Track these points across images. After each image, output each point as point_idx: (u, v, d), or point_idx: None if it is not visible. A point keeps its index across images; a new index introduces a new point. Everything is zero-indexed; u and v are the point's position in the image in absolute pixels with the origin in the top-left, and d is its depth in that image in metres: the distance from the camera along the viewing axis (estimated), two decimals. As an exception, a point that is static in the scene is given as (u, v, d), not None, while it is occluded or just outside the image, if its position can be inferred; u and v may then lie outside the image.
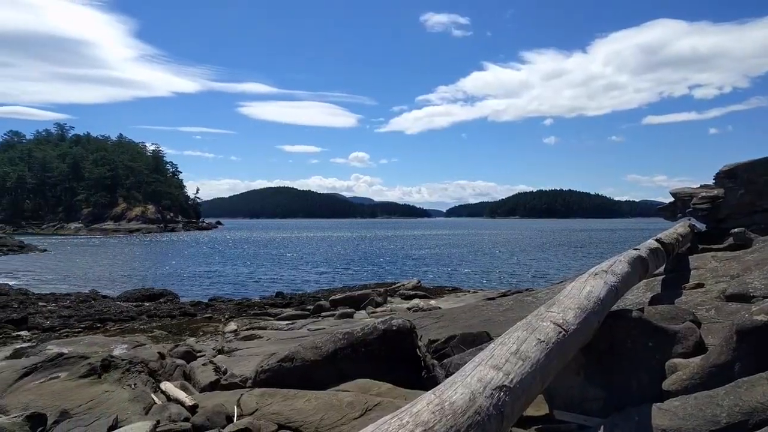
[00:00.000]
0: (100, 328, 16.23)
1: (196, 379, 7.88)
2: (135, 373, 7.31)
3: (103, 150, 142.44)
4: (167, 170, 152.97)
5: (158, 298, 23.48)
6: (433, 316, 10.97)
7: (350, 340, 6.44)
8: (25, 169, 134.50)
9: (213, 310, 19.40)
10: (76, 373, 7.15)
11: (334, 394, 5.58)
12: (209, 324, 15.29)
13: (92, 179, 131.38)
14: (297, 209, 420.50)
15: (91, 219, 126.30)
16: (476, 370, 2.54)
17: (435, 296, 20.32)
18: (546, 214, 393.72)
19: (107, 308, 20.78)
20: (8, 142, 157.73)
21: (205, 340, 12.46)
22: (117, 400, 6.44)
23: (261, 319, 16.17)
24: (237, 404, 5.89)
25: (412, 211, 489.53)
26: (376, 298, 17.97)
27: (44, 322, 17.34)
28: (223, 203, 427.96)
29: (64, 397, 6.58)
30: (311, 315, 16.55)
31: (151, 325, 15.99)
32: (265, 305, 20.70)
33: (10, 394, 7.03)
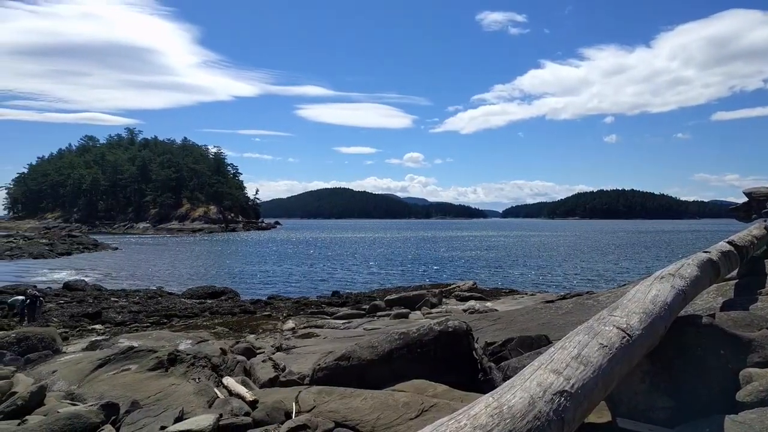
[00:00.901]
0: (167, 323, 16.98)
1: (256, 375, 8.10)
2: (199, 368, 7.60)
3: (169, 153, 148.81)
4: (228, 172, 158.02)
5: (220, 296, 24.33)
6: (490, 319, 10.82)
7: (406, 341, 6.44)
8: (99, 172, 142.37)
9: (272, 308, 19.90)
10: (145, 366, 7.52)
11: (390, 394, 5.60)
12: (268, 322, 15.69)
13: (159, 181, 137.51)
14: (352, 210, 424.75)
15: (157, 219, 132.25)
16: (535, 374, 2.49)
17: (491, 298, 20.05)
18: (607, 214, 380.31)
19: (173, 305, 21.73)
20: (84, 146, 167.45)
21: (265, 338, 12.79)
22: (182, 393, 6.72)
23: (318, 318, 16.44)
24: (295, 401, 6.01)
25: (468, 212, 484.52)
26: (431, 299, 17.91)
27: (116, 317, 18.34)
28: (282, 204, 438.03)
29: (135, 388, 6.93)
30: (367, 314, 16.69)
31: (213, 321, 16.57)
32: (322, 304, 21.05)
33: (87, 384, 7.47)
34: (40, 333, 11.10)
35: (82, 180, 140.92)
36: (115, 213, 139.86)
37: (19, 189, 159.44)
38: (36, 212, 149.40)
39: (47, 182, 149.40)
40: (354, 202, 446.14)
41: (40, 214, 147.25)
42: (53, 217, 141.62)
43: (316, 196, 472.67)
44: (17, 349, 10.27)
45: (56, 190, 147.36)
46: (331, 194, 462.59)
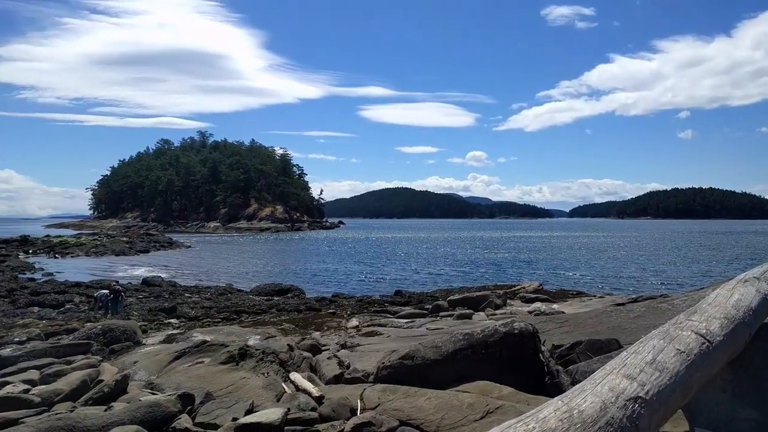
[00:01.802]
0: (236, 319, 17.64)
1: (322, 372, 8.29)
2: (267, 363, 7.85)
3: (237, 155, 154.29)
4: (294, 173, 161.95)
5: (286, 293, 25.00)
6: (557, 321, 10.55)
7: (470, 342, 6.40)
8: (173, 173, 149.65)
9: (336, 306, 20.24)
10: (218, 360, 7.85)
11: (455, 395, 5.59)
12: (332, 319, 15.98)
13: (228, 182, 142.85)
14: (414, 209, 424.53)
15: (227, 218, 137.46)
16: (607, 378, 2.42)
17: (558, 300, 19.53)
18: (682, 214, 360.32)
19: (242, 301, 22.54)
20: (160, 149, 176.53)
21: (329, 335, 13.03)
22: (252, 387, 6.98)
23: (381, 317, 16.58)
24: (360, 398, 6.11)
25: (533, 211, 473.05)
26: (495, 300, 17.66)
27: (190, 312, 19.23)
28: (345, 203, 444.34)
29: (208, 380, 7.25)
30: (429, 314, 16.66)
31: (280, 318, 17.05)
32: (385, 303, 21.20)
33: (165, 375, 7.89)
34: (123, 325, 11.83)
35: (159, 181, 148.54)
36: (188, 213, 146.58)
37: (103, 190, 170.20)
38: (117, 212, 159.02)
39: (127, 184, 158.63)
40: (416, 201, 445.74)
41: (121, 213, 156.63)
42: (132, 216, 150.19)
43: (378, 195, 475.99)
44: (103, 339, 10.99)
45: (135, 191, 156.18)
46: (393, 194, 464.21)
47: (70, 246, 60.42)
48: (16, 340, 13.64)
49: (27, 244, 60.15)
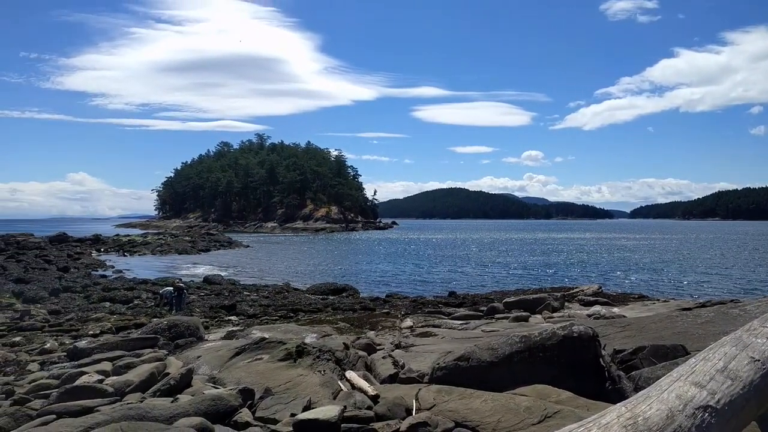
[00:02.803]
0: (293, 317, 18.02)
1: (377, 371, 8.35)
2: (324, 361, 7.99)
3: (294, 156, 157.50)
4: (348, 174, 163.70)
5: (341, 293, 25.33)
6: (618, 325, 10.20)
7: (527, 344, 6.30)
8: (233, 175, 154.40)
9: (390, 306, 20.33)
10: (276, 357, 8.06)
11: (512, 397, 5.52)
12: (387, 319, 16.06)
13: (285, 183, 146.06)
14: (468, 210, 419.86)
15: (283, 219, 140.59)
16: (674, 385, 2.34)
17: (618, 304, 18.87)
18: (755, 215, 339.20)
19: (298, 300, 23.01)
20: (220, 151, 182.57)
21: (384, 334, 13.11)
22: (309, 384, 7.13)
23: (435, 317, 16.52)
24: (415, 398, 6.12)
25: (592, 212, 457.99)
26: (552, 303, 17.25)
27: (248, 309, 19.80)
28: (398, 204, 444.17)
29: (267, 376, 7.46)
30: (484, 316, 16.47)
31: (335, 317, 17.29)
32: (439, 304, 21.12)
33: (226, 370, 8.18)
34: (187, 322, 12.33)
35: (219, 183, 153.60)
36: (247, 213, 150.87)
37: (167, 191, 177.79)
38: (180, 212, 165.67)
39: (189, 185, 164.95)
40: (470, 202, 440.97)
41: (183, 213, 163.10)
42: (194, 216, 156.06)
43: (431, 196, 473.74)
44: (168, 335, 11.50)
45: (197, 192, 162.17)
46: (447, 194, 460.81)
47: (138, 245, 63.47)
48: (91, 333, 14.48)
49: (99, 243, 63.65)
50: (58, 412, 6.23)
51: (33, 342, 13.79)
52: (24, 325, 16.62)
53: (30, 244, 54.98)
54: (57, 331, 15.55)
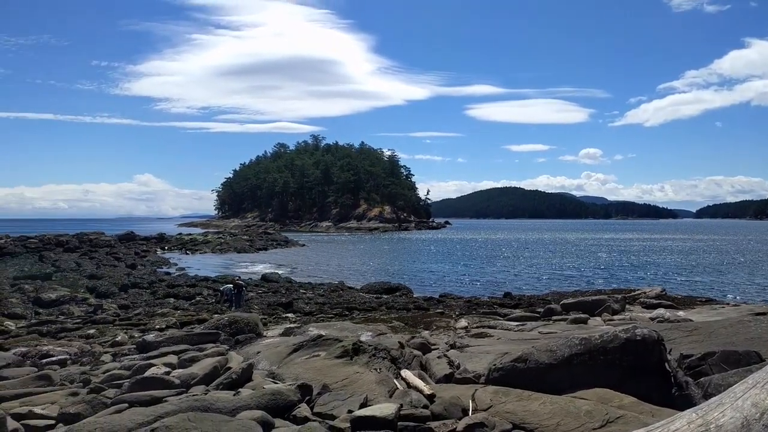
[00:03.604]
0: (348, 315, 18.25)
1: (432, 371, 8.35)
2: (380, 359, 8.07)
3: (348, 157, 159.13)
4: (401, 174, 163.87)
5: (394, 292, 25.43)
6: (684, 329, 9.78)
7: (587, 347, 6.15)
8: (289, 176, 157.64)
9: (444, 306, 20.26)
10: (333, 354, 8.19)
11: (571, 401, 5.40)
12: (441, 319, 16.00)
13: (339, 183, 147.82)
14: (524, 209, 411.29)
15: (338, 218, 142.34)
16: (749, 393, 2.24)
17: (684, 307, 18.06)
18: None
19: (353, 298, 23.28)
20: (277, 152, 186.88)
21: (438, 334, 13.08)
22: (366, 381, 7.21)
23: (490, 318, 16.35)
24: (471, 398, 6.09)
25: (654, 212, 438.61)
26: (612, 305, 16.71)
27: (305, 307, 20.21)
28: (451, 204, 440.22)
29: (324, 373, 7.60)
30: (541, 318, 16.15)
31: (389, 316, 17.39)
32: (494, 304, 20.87)
33: (284, 366, 8.39)
34: (247, 318, 12.72)
35: (275, 183, 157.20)
36: (302, 213, 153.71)
37: (226, 192, 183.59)
38: (239, 212, 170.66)
39: (247, 185, 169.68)
40: (525, 201, 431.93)
41: (242, 213, 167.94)
42: (252, 216, 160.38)
43: (485, 195, 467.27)
44: (229, 330, 11.91)
45: (255, 193, 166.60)
46: (501, 194, 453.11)
47: (199, 243, 65.89)
48: (157, 327, 15.18)
49: (163, 242, 66.51)
50: (130, 401, 6.58)
51: (105, 334, 14.61)
52: (97, 318, 17.64)
53: (101, 242, 58.11)
54: (126, 324, 16.41)
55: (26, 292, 22.96)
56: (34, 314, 19.06)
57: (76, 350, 12.06)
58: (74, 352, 11.82)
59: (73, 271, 34.14)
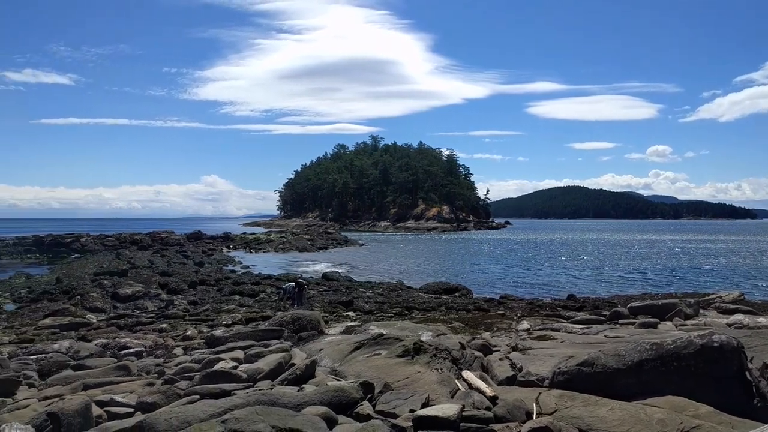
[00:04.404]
0: (407, 315, 18.30)
1: (493, 372, 8.25)
2: (441, 359, 8.05)
3: (406, 157, 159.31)
4: (460, 173, 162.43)
5: (454, 292, 25.25)
6: (765, 337, 9.19)
7: (659, 353, 5.90)
8: (348, 176, 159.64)
9: (505, 308, 19.94)
10: (394, 353, 8.25)
11: (642, 408, 5.21)
12: (502, 320, 15.78)
13: (398, 183, 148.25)
14: (587, 209, 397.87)
15: (396, 218, 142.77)
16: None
17: (765, 313, 16.95)
18: None
19: (412, 298, 23.30)
20: (336, 153, 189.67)
21: (499, 336, 12.89)
22: (427, 381, 7.22)
23: (553, 321, 15.94)
24: (536, 402, 5.99)
25: (729, 211, 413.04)
26: (684, 310, 15.90)
27: (364, 306, 20.42)
28: (512, 203, 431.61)
29: (385, 371, 7.66)
30: (607, 321, 15.59)
31: (449, 316, 17.30)
32: (557, 307, 20.35)
33: (346, 363, 8.52)
34: (309, 316, 13.01)
35: (335, 184, 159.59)
36: (361, 213, 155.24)
37: (288, 192, 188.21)
38: (300, 212, 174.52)
39: (308, 186, 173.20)
40: (589, 201, 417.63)
41: (303, 213, 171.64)
42: (313, 216, 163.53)
43: (547, 195, 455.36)
44: (292, 327, 12.21)
45: (315, 193, 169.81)
46: (564, 193, 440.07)
47: (262, 242, 67.83)
48: (224, 323, 15.78)
49: (228, 241, 68.97)
50: (201, 393, 6.89)
51: (177, 329, 15.33)
52: (169, 313, 18.53)
53: (171, 241, 60.94)
54: (196, 320, 17.16)
55: (105, 288, 24.42)
56: (113, 308, 20.25)
57: (151, 343, 12.73)
58: (149, 345, 12.48)
59: (147, 268, 36.00)
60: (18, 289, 25.88)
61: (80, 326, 15.72)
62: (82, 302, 20.61)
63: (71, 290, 23.81)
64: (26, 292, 24.50)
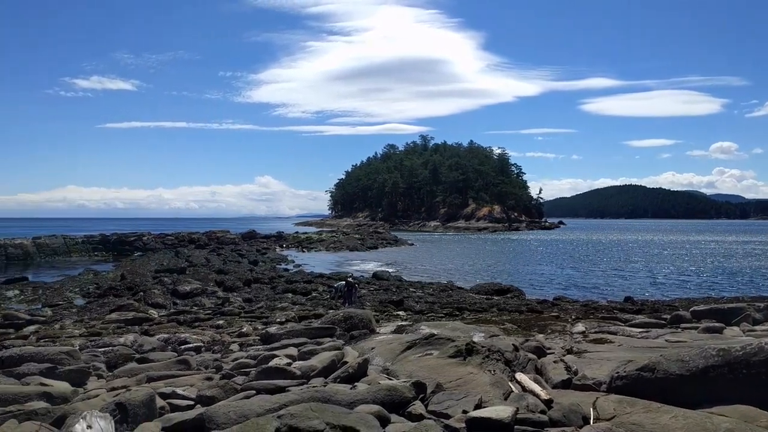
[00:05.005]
0: (458, 315, 18.18)
1: (548, 375, 8.09)
2: (493, 361, 7.96)
3: (456, 156, 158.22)
4: (512, 172, 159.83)
5: (505, 293, 24.89)
6: (844, 345, 8.61)
7: (727, 359, 5.63)
8: (398, 176, 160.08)
9: (559, 310, 19.50)
10: (446, 353, 8.21)
11: (708, 417, 4.98)
12: (556, 322, 15.43)
13: (448, 183, 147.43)
14: (645, 208, 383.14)
15: (446, 218, 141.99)
16: None
17: (844, 319, 15.86)
18: None
19: (462, 298, 23.13)
20: (386, 153, 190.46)
21: (553, 338, 12.62)
22: (479, 382, 7.15)
23: (610, 323, 15.46)
24: (593, 407, 5.83)
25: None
26: (753, 314, 15.09)
27: (415, 305, 20.42)
28: (565, 203, 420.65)
29: (437, 372, 7.64)
30: (668, 325, 15.00)
31: (501, 317, 17.07)
32: (614, 309, 19.74)
33: (398, 362, 8.55)
34: (360, 314, 13.12)
35: (385, 183, 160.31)
36: (411, 212, 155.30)
37: (339, 192, 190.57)
38: (351, 211, 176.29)
39: (359, 186, 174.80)
40: (647, 200, 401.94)
41: (353, 213, 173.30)
42: (363, 215, 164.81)
43: (602, 194, 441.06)
44: (344, 326, 12.36)
45: (365, 193, 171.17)
46: (620, 192, 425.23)
47: (314, 241, 68.94)
48: (278, 320, 16.14)
49: (281, 240, 70.52)
50: (257, 388, 7.08)
51: (233, 325, 15.80)
52: (225, 310, 19.11)
53: (227, 240, 62.82)
54: (250, 317, 17.62)
55: (165, 285, 25.45)
56: (172, 304, 21.08)
57: (209, 339, 13.18)
58: (207, 341, 12.92)
59: (204, 266, 37.28)
60: (86, 285, 27.33)
61: (143, 321, 16.45)
62: (144, 298, 21.57)
63: (134, 287, 24.92)
64: (94, 288, 25.83)
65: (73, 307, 20.84)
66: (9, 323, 15.79)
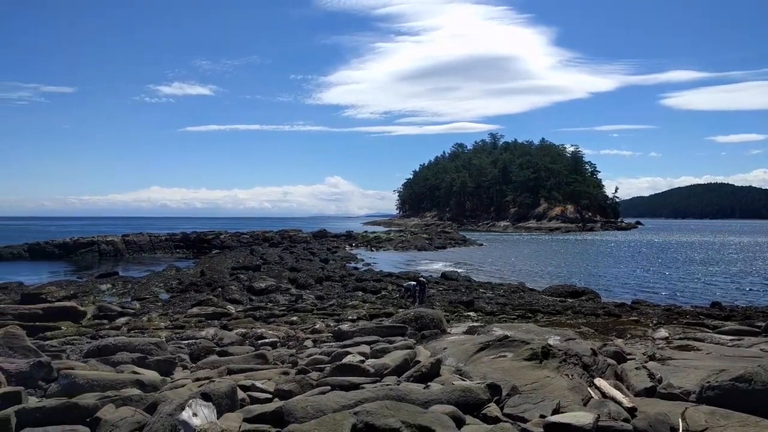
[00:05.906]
0: (531, 317, 17.74)
1: (629, 382, 7.75)
2: (571, 365, 7.71)
3: (527, 154, 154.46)
4: (586, 170, 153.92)
5: (580, 296, 24.04)
6: None
7: (835, 372, 5.18)
8: (466, 175, 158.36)
9: (638, 314, 18.63)
10: (521, 356, 8.04)
11: (814, 434, 4.61)
12: (636, 327, 14.74)
13: (518, 182, 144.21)
14: (733, 208, 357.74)
15: (516, 218, 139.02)
16: None
17: None
18: None
19: (535, 300, 22.56)
20: (454, 153, 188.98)
21: (634, 343, 12.09)
22: (557, 387, 6.95)
23: (696, 330, 14.60)
24: (681, 417, 5.54)
25: None
26: None
27: (485, 307, 20.13)
28: (643, 202, 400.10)
29: (512, 374, 7.50)
30: (762, 333, 13.96)
31: (577, 320, 16.50)
32: (700, 315, 18.62)
33: (471, 364, 8.46)
34: (431, 314, 13.10)
35: (453, 183, 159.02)
36: (479, 212, 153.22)
37: (406, 192, 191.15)
38: (418, 211, 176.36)
39: (426, 186, 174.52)
40: (735, 199, 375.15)
41: (421, 212, 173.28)
42: (431, 215, 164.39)
43: (684, 193, 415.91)
44: (415, 325, 12.38)
45: (433, 192, 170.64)
46: (704, 191, 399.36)
47: (382, 241, 69.47)
48: (349, 318, 16.40)
49: (351, 239, 71.61)
50: (332, 384, 7.23)
51: (306, 322, 16.21)
52: (298, 307, 19.63)
53: (299, 238, 64.57)
54: (323, 314, 18.01)
55: (242, 281, 26.48)
56: (249, 300, 21.89)
57: (284, 334, 13.59)
58: (282, 336, 13.33)
59: (277, 263, 38.47)
60: (170, 280, 28.89)
61: (222, 316, 17.20)
62: (222, 294, 22.56)
63: (213, 283, 26.10)
64: (176, 283, 27.25)
65: (158, 301, 22.10)
66: (103, 315, 17.02)
